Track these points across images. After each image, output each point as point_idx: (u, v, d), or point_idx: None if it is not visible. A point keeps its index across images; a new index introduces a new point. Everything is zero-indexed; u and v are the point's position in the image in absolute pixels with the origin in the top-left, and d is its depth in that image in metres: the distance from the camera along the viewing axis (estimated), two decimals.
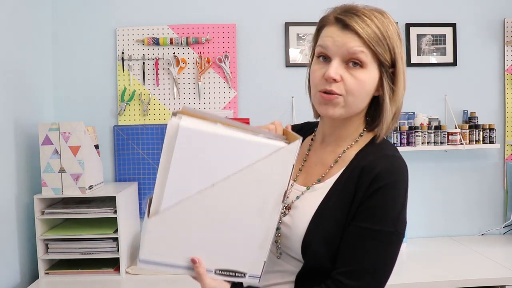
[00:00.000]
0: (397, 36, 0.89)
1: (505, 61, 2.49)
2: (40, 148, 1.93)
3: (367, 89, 0.89)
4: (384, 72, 0.89)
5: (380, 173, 0.84)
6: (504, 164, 2.52)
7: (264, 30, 2.40)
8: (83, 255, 1.95)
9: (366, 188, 0.84)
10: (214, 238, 0.83)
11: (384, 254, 0.83)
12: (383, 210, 0.83)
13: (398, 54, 0.88)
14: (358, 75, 0.87)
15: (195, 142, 0.75)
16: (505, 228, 2.52)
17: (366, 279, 0.82)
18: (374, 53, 0.87)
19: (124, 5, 2.35)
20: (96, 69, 2.35)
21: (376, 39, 0.86)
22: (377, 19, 0.87)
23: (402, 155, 0.93)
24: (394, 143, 2.29)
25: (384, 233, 0.83)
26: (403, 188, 0.86)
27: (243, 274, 0.87)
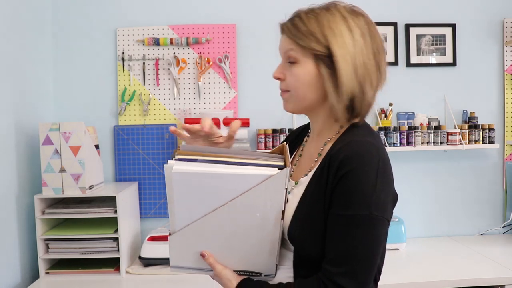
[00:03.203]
0: (334, 24, 0.91)
1: (504, 61, 2.49)
2: (41, 148, 1.93)
3: (304, 82, 0.94)
4: (321, 62, 0.92)
5: (344, 159, 0.86)
6: (503, 164, 2.53)
7: (264, 30, 2.40)
8: (84, 255, 1.95)
9: (334, 175, 0.87)
10: (227, 249, 0.96)
11: (363, 237, 0.85)
12: (352, 194, 0.85)
13: (333, 40, 0.90)
14: (293, 71, 0.96)
15: (188, 181, 0.89)
16: (505, 228, 2.53)
17: (350, 264, 0.84)
18: (303, 47, 0.92)
19: (124, 5, 2.35)
20: (96, 69, 2.36)
21: (302, 35, 0.92)
22: (309, 15, 0.94)
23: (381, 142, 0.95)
24: (394, 143, 2.30)
25: (358, 217, 0.84)
26: (372, 170, 0.85)
27: (259, 274, 0.97)
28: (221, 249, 0.96)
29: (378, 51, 0.93)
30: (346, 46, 0.90)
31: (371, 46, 0.93)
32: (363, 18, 0.94)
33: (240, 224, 0.93)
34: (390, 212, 0.92)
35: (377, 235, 0.86)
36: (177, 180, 0.89)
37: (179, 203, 0.92)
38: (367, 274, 0.86)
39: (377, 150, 0.88)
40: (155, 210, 2.35)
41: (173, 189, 0.90)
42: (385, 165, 0.88)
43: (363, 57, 0.91)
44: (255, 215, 0.91)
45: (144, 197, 2.34)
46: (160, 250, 2.03)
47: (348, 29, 0.91)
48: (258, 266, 0.97)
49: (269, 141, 2.27)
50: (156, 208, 2.35)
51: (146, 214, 2.35)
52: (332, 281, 0.85)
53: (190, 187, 0.90)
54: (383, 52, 0.95)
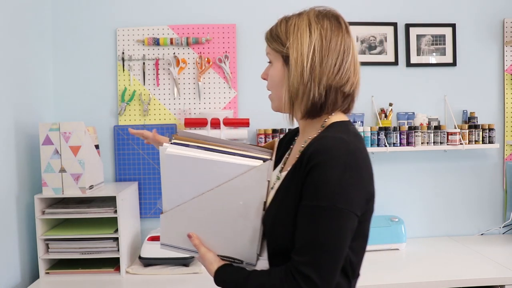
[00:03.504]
0: (297, 28, 0.99)
1: (504, 61, 2.50)
2: (41, 148, 1.93)
3: (276, 81, 1.02)
4: (285, 62, 1.00)
5: (312, 153, 0.89)
6: (503, 164, 2.53)
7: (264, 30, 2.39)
8: (84, 255, 1.95)
9: (304, 168, 0.90)
10: (212, 233, 1.02)
11: (326, 228, 0.87)
12: (318, 186, 0.88)
13: (292, 43, 0.97)
14: (269, 72, 1.05)
15: (179, 164, 0.96)
16: (505, 228, 2.53)
17: (313, 253, 0.87)
18: (273, 49, 1.02)
19: (124, 5, 2.35)
20: (96, 69, 2.36)
21: (272, 38, 1.03)
22: (283, 21, 1.03)
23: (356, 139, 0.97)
24: (394, 143, 2.30)
25: (322, 208, 0.87)
26: (339, 164, 0.88)
27: (240, 261, 1.03)
28: (207, 233, 1.02)
29: (335, 52, 0.97)
30: (300, 48, 0.96)
31: (328, 48, 0.97)
32: (329, 21, 0.99)
33: (225, 210, 0.98)
34: (363, 208, 0.94)
35: (341, 227, 0.88)
36: (169, 162, 0.96)
37: (170, 184, 0.99)
38: (331, 265, 0.88)
39: (348, 146, 0.90)
40: (155, 210, 2.35)
41: (165, 170, 0.97)
42: (357, 161, 0.91)
43: (316, 58, 0.96)
44: (238, 203, 0.97)
45: (144, 197, 2.35)
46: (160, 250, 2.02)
47: (309, 32, 0.97)
48: (240, 253, 1.02)
49: (269, 141, 2.27)
50: (156, 208, 2.35)
51: (146, 214, 2.35)
52: (297, 270, 0.87)
53: (180, 170, 0.97)
54: (344, 53, 0.98)
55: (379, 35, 2.44)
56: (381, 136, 2.31)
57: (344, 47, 0.99)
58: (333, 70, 0.97)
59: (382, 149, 2.30)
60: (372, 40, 2.44)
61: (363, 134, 2.29)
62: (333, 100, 0.99)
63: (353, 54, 1.01)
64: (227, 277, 0.98)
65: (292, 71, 0.97)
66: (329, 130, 0.98)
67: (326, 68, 0.97)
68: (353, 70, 1.00)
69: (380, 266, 2.04)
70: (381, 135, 2.31)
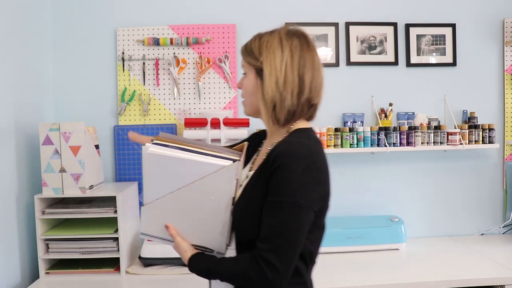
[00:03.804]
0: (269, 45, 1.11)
1: (504, 61, 2.50)
2: (41, 148, 1.93)
3: (249, 90, 1.16)
4: (258, 74, 1.12)
5: (277, 156, 1.02)
6: (503, 164, 2.53)
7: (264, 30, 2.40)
8: (84, 255, 1.95)
9: (269, 169, 1.03)
10: (187, 225, 1.14)
11: (288, 220, 1.00)
12: (281, 184, 1.01)
13: (265, 57, 1.10)
14: (244, 82, 1.18)
15: (159, 162, 1.08)
16: (505, 228, 2.53)
17: (276, 242, 1.00)
18: (248, 62, 1.15)
19: (124, 5, 2.35)
20: (96, 69, 2.36)
21: (247, 53, 1.15)
22: (257, 37, 1.15)
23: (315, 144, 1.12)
24: (394, 143, 2.30)
25: (285, 203, 1.00)
26: (299, 165, 1.01)
27: (211, 250, 1.15)
28: (182, 224, 1.14)
29: (304, 69, 1.10)
30: (274, 63, 1.09)
31: (298, 63, 1.10)
32: (298, 39, 1.12)
33: (198, 204, 1.11)
34: (319, 204, 1.06)
35: (300, 220, 1.01)
36: (150, 160, 1.09)
37: (150, 180, 1.11)
38: (290, 253, 1.01)
39: (308, 150, 1.04)
40: None
41: (146, 167, 1.10)
42: (315, 163, 1.05)
43: (288, 72, 1.09)
44: (210, 198, 1.09)
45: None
46: (160, 250, 2.03)
47: (280, 49, 1.10)
48: (211, 243, 1.14)
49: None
50: None
51: None
52: (260, 256, 1.00)
53: (160, 167, 1.09)
54: (312, 68, 1.11)
55: (379, 35, 2.44)
56: (381, 136, 2.31)
57: (313, 62, 1.12)
58: (305, 82, 1.10)
59: (382, 149, 2.30)
60: (372, 40, 2.44)
61: (363, 134, 2.29)
62: (302, 109, 1.12)
63: (320, 69, 1.14)
64: (200, 264, 1.10)
65: (266, 83, 1.09)
66: (293, 135, 1.10)
67: (299, 80, 1.10)
68: (320, 83, 1.14)
69: (380, 266, 2.04)
70: (381, 135, 2.31)
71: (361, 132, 2.30)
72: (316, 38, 2.41)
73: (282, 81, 1.09)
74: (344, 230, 2.23)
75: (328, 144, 2.29)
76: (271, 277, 0.98)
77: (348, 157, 2.45)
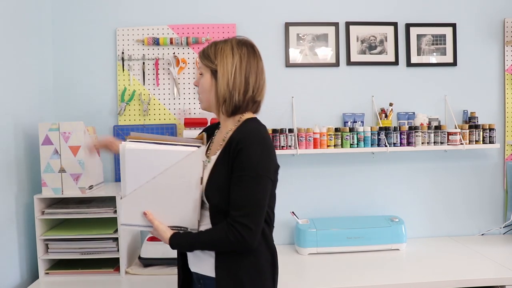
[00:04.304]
0: (223, 51, 1.36)
1: (505, 61, 2.49)
2: (40, 148, 1.93)
3: (205, 88, 1.39)
4: (213, 75, 1.37)
5: (239, 140, 1.27)
6: (504, 164, 2.52)
7: (264, 30, 2.40)
8: (83, 255, 1.95)
9: (233, 151, 1.27)
10: (162, 208, 1.33)
11: (253, 189, 1.24)
12: (244, 162, 1.25)
13: (219, 61, 1.35)
14: (200, 81, 1.41)
15: (137, 156, 1.29)
16: (505, 228, 2.52)
17: (245, 207, 1.24)
18: (204, 64, 1.39)
19: (124, 5, 2.35)
20: (96, 69, 2.35)
21: (204, 56, 1.39)
22: (212, 45, 1.39)
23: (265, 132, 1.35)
24: (394, 143, 2.30)
25: (248, 176, 1.24)
26: (257, 146, 1.27)
27: (186, 228, 1.35)
28: (158, 209, 1.33)
29: (249, 73, 1.35)
30: (226, 66, 1.34)
31: (245, 67, 1.35)
32: (246, 48, 1.38)
33: (172, 187, 1.31)
34: (274, 175, 1.34)
35: (263, 188, 1.26)
36: (129, 155, 1.29)
37: (129, 173, 1.30)
38: (259, 215, 1.25)
39: (262, 135, 1.31)
40: None
41: (126, 162, 1.29)
42: (268, 144, 1.30)
43: (237, 74, 1.34)
44: (182, 180, 1.30)
45: None
46: (160, 250, 2.03)
47: (231, 55, 1.35)
48: (185, 222, 1.34)
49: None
50: None
51: None
52: (235, 221, 1.23)
53: (138, 161, 1.29)
54: (256, 72, 1.37)
55: (380, 35, 2.44)
56: (381, 136, 2.30)
57: (257, 67, 1.38)
58: (249, 83, 1.35)
59: (382, 149, 2.30)
60: (372, 40, 2.44)
61: (364, 134, 2.29)
62: (248, 104, 1.37)
63: (263, 72, 1.40)
64: (181, 240, 1.32)
65: (220, 82, 1.34)
66: (247, 124, 1.35)
67: (245, 81, 1.35)
68: (263, 84, 1.40)
69: (380, 266, 2.04)
70: (381, 135, 2.30)
71: (361, 132, 2.30)
72: (316, 38, 2.41)
73: (232, 82, 1.34)
74: (344, 230, 2.23)
75: (328, 144, 2.28)
76: (247, 236, 1.22)
77: (348, 157, 2.44)
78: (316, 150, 2.28)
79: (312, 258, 2.19)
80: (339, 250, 2.22)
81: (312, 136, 2.28)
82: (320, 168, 2.45)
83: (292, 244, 2.40)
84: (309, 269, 2.05)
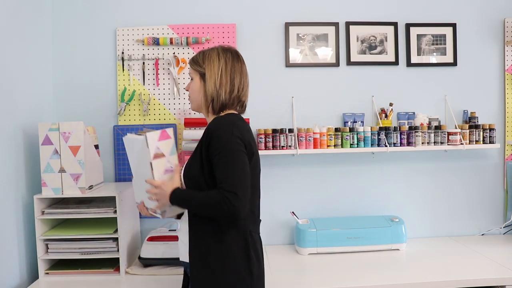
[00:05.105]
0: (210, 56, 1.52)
1: (505, 61, 2.49)
2: (40, 148, 1.93)
3: (195, 90, 1.54)
4: (202, 78, 1.52)
5: (210, 129, 1.43)
6: (504, 164, 2.52)
7: (264, 30, 2.40)
8: (83, 255, 1.95)
9: (206, 137, 1.42)
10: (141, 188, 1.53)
11: (232, 164, 1.37)
12: (217, 144, 1.39)
13: (206, 64, 1.51)
14: (191, 85, 1.57)
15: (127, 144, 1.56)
16: (505, 228, 2.52)
17: (230, 179, 1.35)
18: (194, 69, 1.54)
19: (124, 5, 2.35)
20: (96, 69, 2.35)
21: (193, 62, 1.55)
22: (200, 52, 1.55)
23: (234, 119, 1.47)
24: (394, 143, 2.30)
25: (223, 155, 1.37)
26: (226, 131, 1.40)
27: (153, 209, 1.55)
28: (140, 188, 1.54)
29: (234, 74, 1.51)
30: (213, 69, 1.50)
31: (230, 70, 1.51)
32: (230, 54, 1.53)
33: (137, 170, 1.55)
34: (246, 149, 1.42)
35: (241, 160, 1.38)
36: (125, 143, 1.56)
37: (129, 158, 1.56)
38: (245, 182, 1.37)
39: (230, 119, 1.44)
40: None
41: (126, 149, 1.56)
42: (234, 124, 1.42)
43: (223, 76, 1.49)
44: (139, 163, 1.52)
45: None
46: (160, 250, 2.03)
47: (218, 59, 1.51)
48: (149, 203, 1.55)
49: (269, 141, 2.27)
50: None
51: None
52: (226, 191, 1.34)
53: (128, 148, 1.55)
54: (240, 74, 1.52)
55: (380, 35, 2.44)
56: (381, 136, 2.30)
57: (241, 70, 1.53)
58: (235, 84, 1.50)
59: (382, 149, 2.30)
60: (372, 40, 2.44)
61: (364, 134, 2.29)
62: (233, 102, 1.52)
63: (246, 75, 1.55)
64: (180, 194, 1.45)
65: (208, 82, 1.50)
66: (223, 115, 1.49)
67: (231, 81, 1.50)
68: (246, 86, 1.55)
69: (380, 266, 2.04)
70: (381, 135, 2.30)
71: (361, 132, 2.30)
72: (316, 38, 2.41)
73: (218, 82, 1.49)
74: (344, 231, 2.23)
75: (328, 144, 2.28)
76: (236, 204, 1.33)
77: (349, 157, 2.44)
78: (316, 150, 2.28)
79: (312, 258, 2.19)
80: (339, 250, 2.22)
81: (312, 136, 2.28)
82: (320, 168, 2.45)
83: (292, 244, 2.40)
84: (309, 269, 2.04)
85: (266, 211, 2.43)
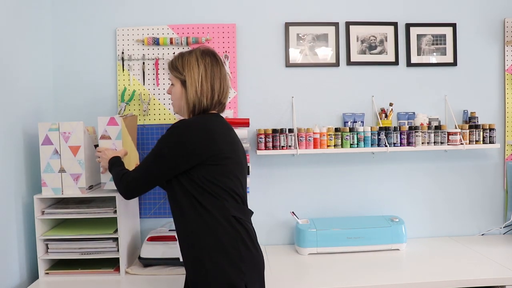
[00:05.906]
0: (189, 62, 1.54)
1: (505, 61, 2.49)
2: (40, 148, 1.93)
3: (176, 96, 1.58)
4: (182, 84, 1.55)
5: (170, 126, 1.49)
6: (504, 164, 2.52)
7: (264, 30, 2.40)
8: (83, 255, 1.95)
9: None
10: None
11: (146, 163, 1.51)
12: (157, 141, 1.50)
13: (187, 72, 1.53)
14: (172, 90, 1.61)
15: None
16: (505, 228, 2.52)
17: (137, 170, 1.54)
18: (174, 76, 1.57)
19: (124, 5, 2.35)
20: (96, 69, 2.35)
21: (172, 68, 1.58)
22: (178, 55, 1.57)
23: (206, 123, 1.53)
24: (394, 143, 2.30)
25: (150, 152, 1.50)
26: (169, 136, 1.47)
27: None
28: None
29: (214, 80, 1.54)
30: (193, 76, 1.53)
31: (210, 75, 1.54)
32: (209, 58, 1.55)
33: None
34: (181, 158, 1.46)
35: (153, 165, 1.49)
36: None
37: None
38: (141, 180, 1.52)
39: (188, 122, 1.48)
40: (155, 210, 2.35)
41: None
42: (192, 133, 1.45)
43: (203, 82, 1.52)
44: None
45: (144, 197, 2.34)
46: (160, 250, 2.03)
47: (197, 65, 1.53)
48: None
49: (269, 141, 2.27)
50: (156, 208, 2.35)
51: (146, 214, 2.35)
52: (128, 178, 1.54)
53: None
54: (220, 78, 1.55)
55: (380, 35, 2.44)
56: (381, 136, 2.30)
57: (221, 74, 1.56)
58: (215, 89, 1.54)
59: (382, 149, 2.30)
60: (372, 40, 2.44)
61: (364, 134, 2.29)
62: (214, 106, 1.56)
63: (226, 78, 1.58)
64: (113, 163, 1.72)
65: (189, 90, 1.53)
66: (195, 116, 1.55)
67: (211, 88, 1.53)
68: (227, 88, 1.59)
69: (380, 266, 2.04)
70: (381, 135, 2.30)
71: (361, 132, 2.30)
72: (316, 38, 2.41)
73: (199, 89, 1.52)
74: (344, 230, 2.23)
75: (328, 144, 2.28)
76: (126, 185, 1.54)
77: (349, 157, 2.44)
78: (316, 150, 2.28)
79: (312, 258, 2.19)
80: (339, 250, 2.22)
81: (312, 136, 2.28)
82: (320, 168, 2.45)
83: (292, 244, 2.40)
84: (309, 269, 2.05)
85: (266, 211, 2.43)
